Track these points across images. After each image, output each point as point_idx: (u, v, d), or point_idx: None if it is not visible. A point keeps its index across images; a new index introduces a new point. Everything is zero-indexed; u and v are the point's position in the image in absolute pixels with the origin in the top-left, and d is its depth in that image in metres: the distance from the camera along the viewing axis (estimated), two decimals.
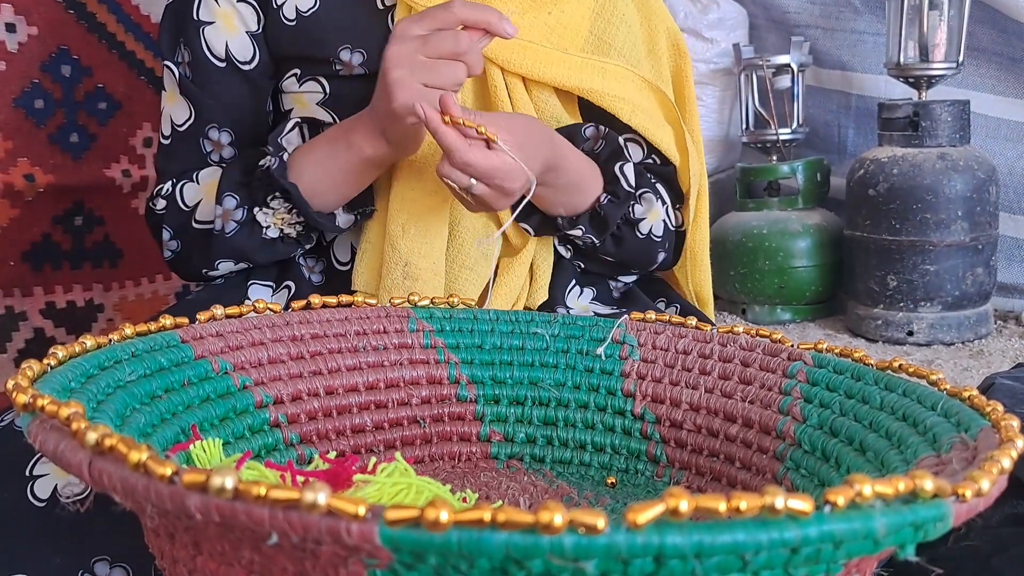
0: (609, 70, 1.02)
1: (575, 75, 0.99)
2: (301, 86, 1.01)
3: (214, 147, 1.02)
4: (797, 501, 0.35)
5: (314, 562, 0.38)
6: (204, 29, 1.00)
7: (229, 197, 0.95)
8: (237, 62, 1.00)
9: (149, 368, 0.60)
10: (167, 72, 1.03)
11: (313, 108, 1.01)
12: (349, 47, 0.99)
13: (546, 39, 1.00)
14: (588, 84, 1.00)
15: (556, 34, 1.01)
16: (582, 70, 1.00)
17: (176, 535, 0.44)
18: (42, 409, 0.44)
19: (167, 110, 1.03)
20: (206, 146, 1.02)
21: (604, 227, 0.98)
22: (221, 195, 0.95)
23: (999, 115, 1.77)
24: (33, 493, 0.74)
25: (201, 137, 1.02)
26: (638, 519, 0.34)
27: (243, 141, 1.03)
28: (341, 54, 0.99)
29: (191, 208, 1.00)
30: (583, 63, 1.00)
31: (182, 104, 1.02)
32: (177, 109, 1.03)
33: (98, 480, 0.40)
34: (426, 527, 0.34)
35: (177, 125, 1.03)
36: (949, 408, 0.55)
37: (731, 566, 0.36)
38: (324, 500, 0.35)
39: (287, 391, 0.69)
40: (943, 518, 0.39)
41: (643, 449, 0.73)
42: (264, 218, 0.95)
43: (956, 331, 1.61)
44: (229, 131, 1.02)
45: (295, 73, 1.02)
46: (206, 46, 1.00)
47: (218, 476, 0.36)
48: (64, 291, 1.39)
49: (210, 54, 1.00)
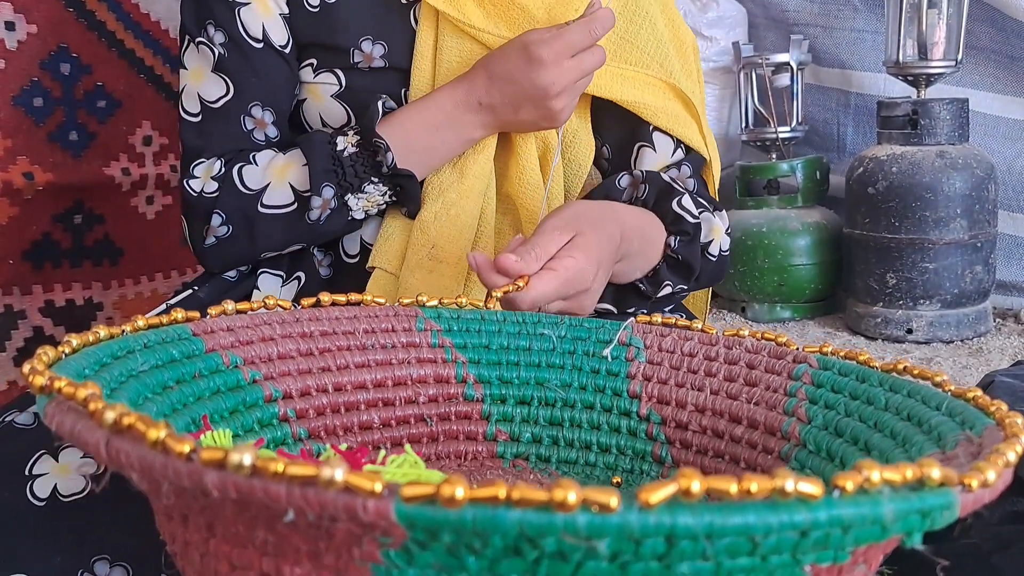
0: (629, 76, 1.03)
1: (596, 82, 1.00)
2: (316, 77, 1.01)
3: (257, 125, 1.01)
4: (807, 484, 0.36)
5: (328, 542, 0.39)
6: (240, 10, 0.99)
7: (327, 187, 0.95)
8: (274, 43, 1.00)
9: (161, 359, 0.60)
10: (192, 50, 1.01)
11: (327, 100, 1.01)
12: (371, 38, 1.00)
13: None
14: (608, 90, 1.02)
15: None
16: (602, 76, 1.01)
17: (190, 517, 0.45)
18: (59, 391, 0.45)
19: (192, 88, 1.02)
20: (247, 124, 1.01)
21: (689, 270, 0.99)
22: (319, 185, 0.95)
23: (998, 113, 1.78)
24: (32, 492, 0.74)
25: (243, 115, 1.01)
26: (651, 499, 0.34)
27: (282, 123, 1.03)
28: (363, 44, 0.99)
29: (255, 192, 0.98)
30: (604, 70, 1.01)
31: (216, 81, 1.00)
32: (208, 86, 1.01)
33: (115, 459, 0.40)
34: (441, 504, 0.34)
35: (209, 101, 1.01)
36: (954, 408, 0.55)
37: (741, 548, 0.36)
38: (341, 476, 0.35)
39: (296, 386, 0.69)
40: (950, 506, 0.39)
41: (648, 450, 0.73)
42: (356, 202, 0.96)
43: (955, 329, 1.61)
44: (271, 110, 1.01)
45: (311, 63, 1.02)
46: (243, 27, 0.99)
47: (236, 453, 0.36)
48: (63, 289, 1.39)
49: (247, 35, 0.99)
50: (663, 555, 0.36)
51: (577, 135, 1.04)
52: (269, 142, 1.02)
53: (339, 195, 0.96)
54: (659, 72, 1.04)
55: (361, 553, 0.38)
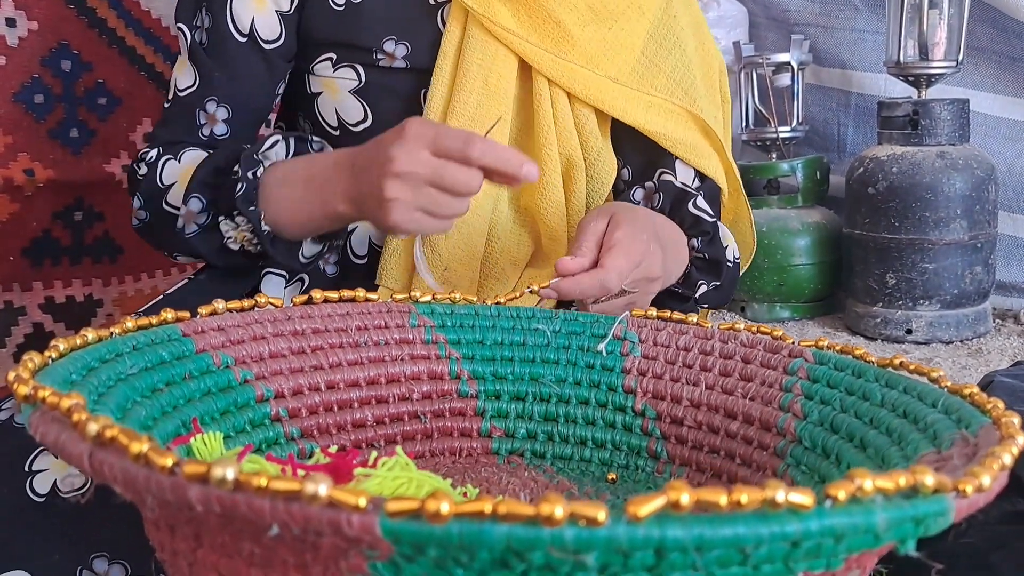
0: (655, 104, 1.03)
1: (620, 104, 1.01)
2: (335, 71, 1.00)
3: (208, 120, 1.00)
4: (798, 495, 0.35)
5: (315, 554, 0.38)
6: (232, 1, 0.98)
7: (195, 199, 0.92)
8: (260, 39, 0.99)
9: (150, 361, 0.60)
10: (180, 36, 1.01)
11: (344, 95, 1.00)
12: (394, 38, 0.99)
13: (602, 54, 1.01)
14: (632, 116, 1.01)
15: (612, 50, 1.01)
16: (628, 100, 1.01)
17: (177, 527, 0.44)
18: (43, 401, 0.44)
19: (176, 74, 1.02)
20: (200, 117, 1.00)
21: (718, 267, 1.00)
22: (188, 194, 0.92)
23: (998, 114, 1.77)
24: (32, 488, 0.74)
25: (198, 108, 1.00)
26: (639, 512, 0.34)
27: (241, 121, 1.02)
28: (385, 45, 0.99)
29: (164, 188, 0.97)
30: (630, 94, 1.01)
31: (188, 70, 1.00)
32: (183, 75, 1.01)
33: (99, 471, 0.40)
34: (427, 519, 0.34)
35: (179, 90, 1.01)
36: (950, 405, 0.55)
37: (731, 559, 0.36)
38: (325, 492, 0.35)
39: (288, 385, 0.69)
40: (944, 513, 0.39)
41: (644, 445, 0.73)
42: (227, 228, 0.92)
43: (955, 329, 1.61)
44: (227, 107, 1.00)
45: (330, 58, 1.00)
46: (231, 17, 0.98)
47: (219, 467, 0.36)
48: (63, 286, 1.39)
49: (232, 26, 0.98)
50: (653, 567, 0.35)
51: (601, 154, 1.04)
52: (213, 139, 1.01)
53: (211, 214, 0.92)
54: (683, 99, 1.04)
55: (348, 565, 0.38)
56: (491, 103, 0.98)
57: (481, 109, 0.98)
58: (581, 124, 1.01)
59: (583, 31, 0.99)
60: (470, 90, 0.97)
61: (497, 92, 0.98)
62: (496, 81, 0.98)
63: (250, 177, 0.89)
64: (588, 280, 0.79)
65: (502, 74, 0.98)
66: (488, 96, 0.98)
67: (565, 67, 0.98)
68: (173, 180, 0.97)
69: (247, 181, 0.89)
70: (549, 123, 0.99)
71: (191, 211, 0.93)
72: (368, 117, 1.01)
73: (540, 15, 0.98)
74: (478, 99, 0.97)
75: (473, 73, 0.97)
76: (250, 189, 0.89)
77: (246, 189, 0.89)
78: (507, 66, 0.99)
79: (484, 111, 0.98)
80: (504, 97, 0.98)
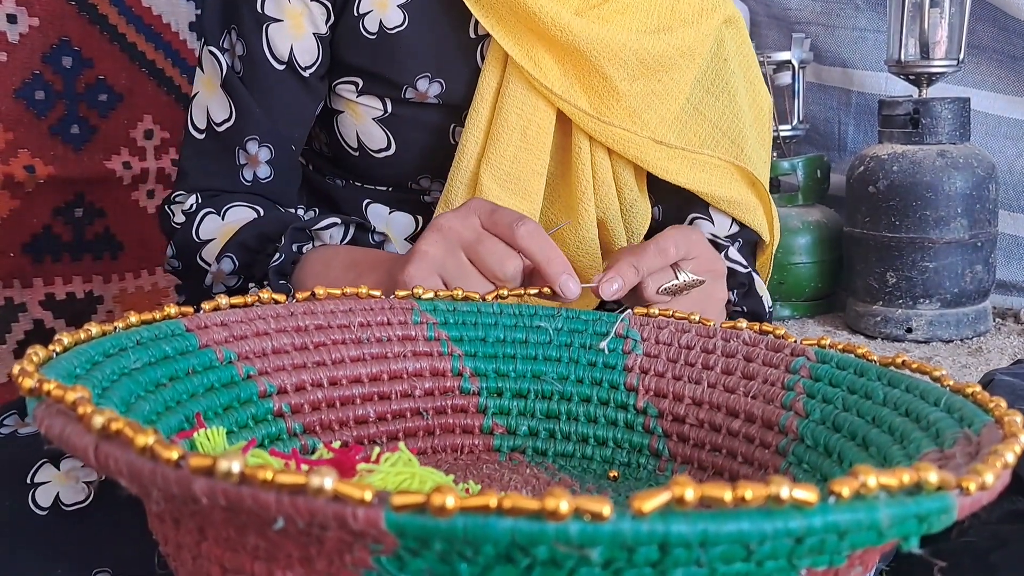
0: (699, 161, 0.99)
1: (663, 164, 0.97)
2: (359, 97, 0.97)
3: (249, 161, 0.96)
4: (802, 491, 0.35)
5: (319, 548, 0.38)
6: (268, 26, 0.93)
7: (228, 259, 0.90)
8: (298, 66, 0.95)
9: (154, 356, 0.60)
10: (209, 57, 0.96)
11: (368, 122, 0.97)
12: (428, 76, 0.95)
13: (645, 106, 0.97)
14: (675, 175, 0.98)
15: (657, 100, 0.98)
16: (671, 160, 0.98)
17: (181, 521, 0.44)
18: (48, 393, 0.44)
19: (203, 98, 0.97)
20: (240, 157, 0.96)
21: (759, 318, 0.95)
22: (223, 253, 0.90)
23: (999, 113, 1.77)
24: (35, 501, 0.73)
25: (238, 147, 0.96)
26: (643, 507, 0.34)
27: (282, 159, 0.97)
28: (418, 83, 0.95)
29: (201, 242, 0.95)
30: (673, 154, 0.97)
31: (223, 101, 0.95)
32: (217, 104, 0.96)
33: (104, 464, 0.40)
34: (432, 513, 0.34)
35: (215, 123, 0.96)
36: (952, 404, 0.55)
37: (735, 555, 0.36)
38: (331, 485, 0.35)
39: (291, 381, 0.69)
40: (947, 510, 0.39)
41: (645, 443, 0.73)
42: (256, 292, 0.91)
43: (955, 328, 1.61)
44: (270, 147, 0.96)
45: (355, 83, 0.96)
46: (268, 44, 0.93)
47: (224, 460, 0.36)
48: (64, 283, 1.39)
49: (270, 54, 0.94)
50: (657, 562, 0.35)
51: (636, 204, 1.01)
52: (257, 183, 0.97)
53: (242, 277, 0.90)
54: (728, 151, 1.01)
55: (353, 559, 0.38)
56: (529, 156, 0.95)
57: (518, 163, 0.95)
58: (619, 176, 0.99)
59: (631, 86, 0.95)
60: (507, 141, 0.94)
61: (536, 145, 0.95)
62: (535, 133, 0.95)
63: (293, 250, 0.86)
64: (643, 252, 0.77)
65: (541, 126, 0.95)
66: (527, 149, 0.95)
67: (606, 130, 0.95)
68: (211, 236, 0.94)
69: (287, 253, 0.86)
70: (588, 177, 0.97)
71: (222, 270, 0.91)
72: (392, 146, 0.98)
73: (586, 68, 0.95)
74: (515, 152, 0.95)
75: (512, 123, 0.94)
76: (287, 262, 0.86)
77: (283, 261, 0.86)
78: (547, 118, 0.95)
79: (522, 164, 0.95)
80: (542, 150, 0.95)
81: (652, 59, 0.96)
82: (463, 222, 0.76)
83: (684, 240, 0.81)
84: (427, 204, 1.06)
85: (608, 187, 0.98)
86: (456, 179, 0.96)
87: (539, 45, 0.93)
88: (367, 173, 1.04)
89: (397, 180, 1.04)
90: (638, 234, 1.03)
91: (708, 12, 1.01)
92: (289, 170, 1.00)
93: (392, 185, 1.05)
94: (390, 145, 0.98)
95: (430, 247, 0.76)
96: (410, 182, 1.04)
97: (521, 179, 0.94)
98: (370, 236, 0.95)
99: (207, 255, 0.94)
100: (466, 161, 0.95)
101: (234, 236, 0.91)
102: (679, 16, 1.00)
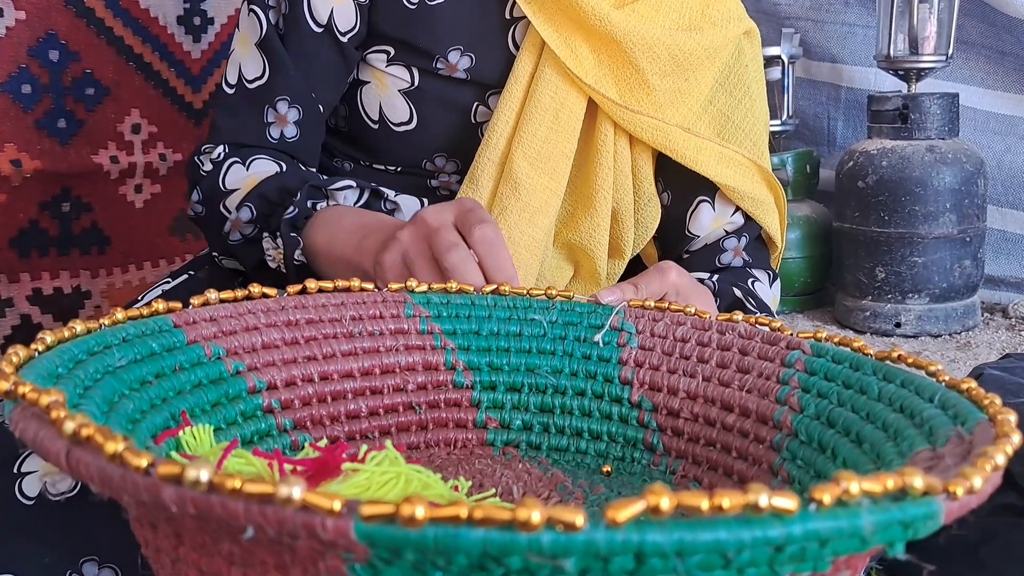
0: (727, 156, 1.02)
1: (692, 154, 1.00)
2: (388, 66, 0.99)
3: (277, 120, 0.98)
4: (781, 499, 0.34)
5: (292, 556, 0.38)
6: None
7: (247, 208, 0.92)
8: (337, 30, 0.97)
9: (140, 353, 0.59)
10: (251, 15, 0.98)
11: (393, 93, 0.99)
12: (460, 49, 0.97)
13: (670, 102, 1.00)
14: (704, 167, 1.01)
15: (682, 98, 1.01)
16: (700, 151, 1.00)
17: (158, 525, 0.44)
18: (23, 396, 0.43)
19: (238, 56, 0.98)
20: (269, 115, 0.98)
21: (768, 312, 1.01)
22: (243, 202, 0.92)
23: (988, 108, 1.78)
24: (21, 491, 0.73)
25: (268, 105, 0.98)
26: (618, 517, 0.33)
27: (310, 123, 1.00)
28: (450, 55, 0.97)
29: (226, 191, 0.96)
30: (702, 145, 1.00)
31: (257, 58, 0.97)
32: (251, 62, 0.98)
33: (75, 470, 0.39)
34: (401, 523, 0.33)
35: (247, 80, 0.98)
36: (947, 400, 0.54)
37: (714, 564, 0.35)
38: (299, 495, 0.34)
39: (281, 377, 0.68)
40: (933, 516, 0.38)
41: (640, 437, 0.73)
42: (268, 246, 0.92)
43: (944, 323, 1.62)
44: (299, 108, 0.98)
45: (386, 51, 0.99)
46: (308, 7, 0.96)
47: (193, 469, 0.35)
48: (51, 277, 1.38)
49: (310, 17, 0.96)
50: (633, 572, 0.35)
51: (651, 200, 1.04)
52: (283, 141, 0.99)
53: (258, 227, 0.92)
54: (752, 151, 1.04)
55: (327, 567, 0.37)
56: (559, 138, 0.98)
57: (549, 143, 0.97)
58: (638, 170, 1.02)
59: (661, 82, 0.98)
60: (540, 122, 0.97)
61: (566, 128, 0.98)
62: (567, 117, 0.98)
63: (307, 206, 0.89)
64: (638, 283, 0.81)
65: (573, 111, 0.98)
66: (557, 131, 0.98)
67: (635, 118, 0.98)
68: (236, 186, 0.96)
69: (302, 208, 0.89)
70: (609, 164, 1.00)
71: (240, 219, 0.93)
72: (413, 119, 0.99)
73: (621, 59, 0.97)
74: (547, 133, 0.97)
75: (545, 105, 0.97)
76: (300, 217, 0.89)
77: (296, 215, 0.88)
78: (578, 104, 0.99)
79: (552, 145, 0.98)
80: (572, 134, 0.98)
81: (683, 56, 0.99)
82: (437, 214, 0.78)
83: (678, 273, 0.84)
84: (433, 188, 1.07)
85: (626, 177, 1.01)
86: (484, 155, 0.99)
87: (577, 34, 0.96)
88: (383, 148, 1.05)
89: (413, 157, 1.05)
90: (648, 230, 1.05)
91: (734, 20, 1.05)
92: (315, 132, 1.02)
93: (405, 164, 1.06)
94: (412, 119, 1.00)
95: (403, 235, 0.79)
96: (424, 160, 1.05)
97: (551, 159, 0.97)
98: (382, 203, 0.97)
99: (230, 203, 0.96)
100: (495, 139, 0.98)
101: (256, 187, 0.93)
102: (708, 18, 1.03)
